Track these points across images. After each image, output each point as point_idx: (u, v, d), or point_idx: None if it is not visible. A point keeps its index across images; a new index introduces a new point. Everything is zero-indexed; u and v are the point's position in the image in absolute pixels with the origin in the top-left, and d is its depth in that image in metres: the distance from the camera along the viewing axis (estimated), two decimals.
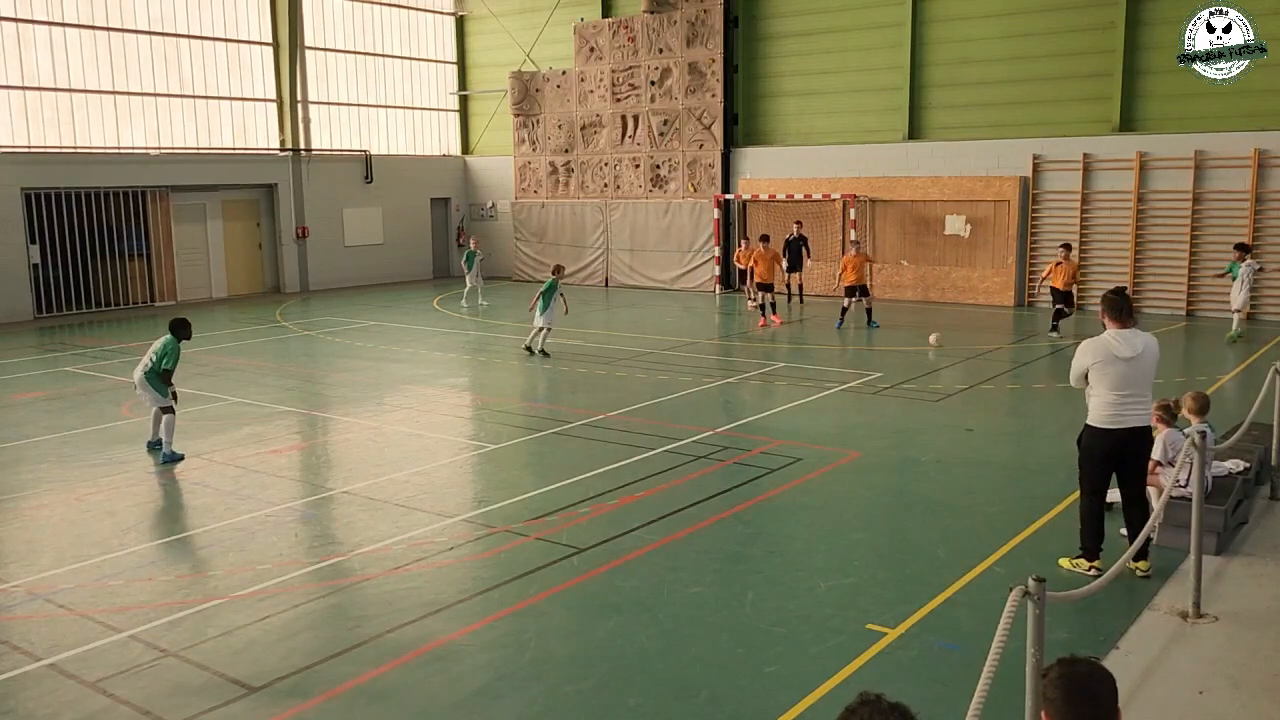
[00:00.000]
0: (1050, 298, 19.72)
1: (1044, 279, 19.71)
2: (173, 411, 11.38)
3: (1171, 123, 21.40)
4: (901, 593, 7.47)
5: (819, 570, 7.96)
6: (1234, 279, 18.42)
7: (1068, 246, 19.59)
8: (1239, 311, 18.30)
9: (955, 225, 23.82)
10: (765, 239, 21.99)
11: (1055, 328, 19.03)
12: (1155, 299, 21.83)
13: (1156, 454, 8.37)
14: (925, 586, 7.51)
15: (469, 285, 24.66)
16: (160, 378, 11.29)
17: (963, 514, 9.24)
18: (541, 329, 17.33)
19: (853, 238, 23.16)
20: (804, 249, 23.64)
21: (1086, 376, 7.42)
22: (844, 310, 20.44)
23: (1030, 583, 4.38)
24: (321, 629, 7.01)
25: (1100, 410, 7.32)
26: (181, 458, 11.32)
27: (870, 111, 24.97)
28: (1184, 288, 21.39)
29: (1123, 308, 7.36)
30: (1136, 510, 7.55)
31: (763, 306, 20.96)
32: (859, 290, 20.43)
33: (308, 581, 7.86)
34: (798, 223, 24.74)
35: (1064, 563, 7.73)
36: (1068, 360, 8.44)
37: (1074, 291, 19.43)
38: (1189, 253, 21.27)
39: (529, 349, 17.49)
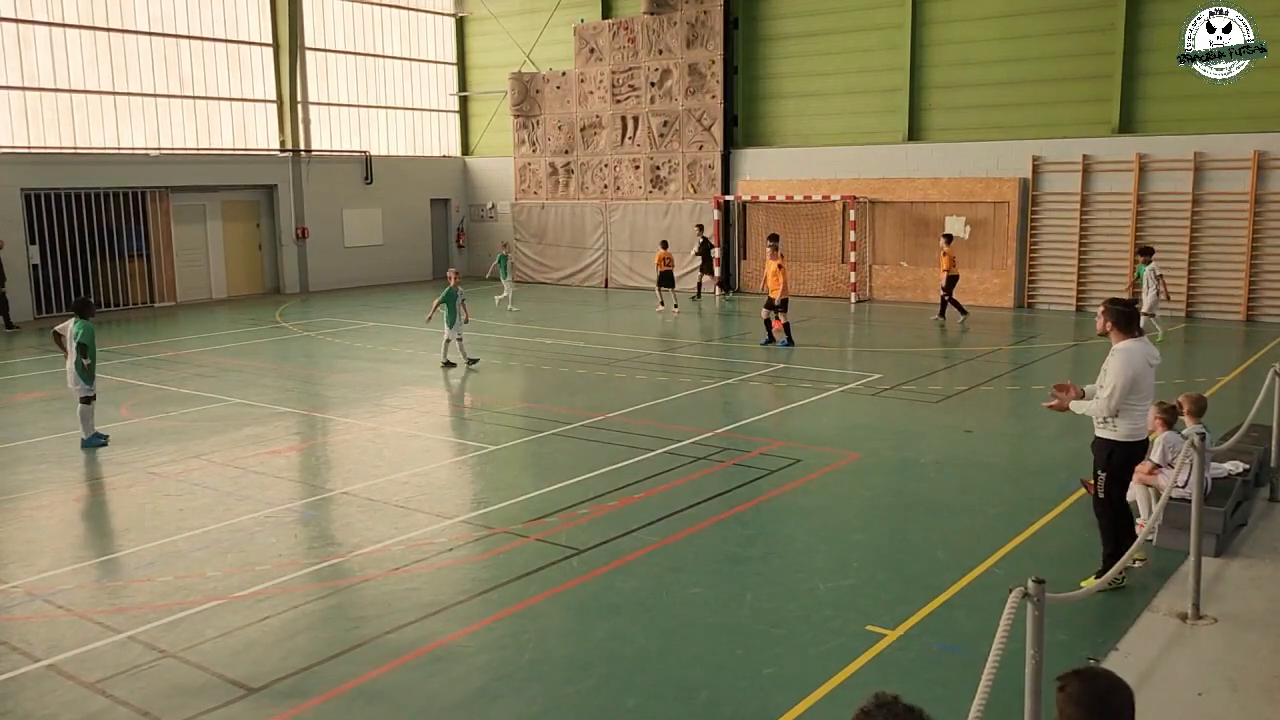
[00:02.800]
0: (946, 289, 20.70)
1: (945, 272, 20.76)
2: (91, 402, 11.91)
3: (1171, 124, 21.41)
4: (901, 594, 7.47)
5: (818, 571, 7.96)
6: (1140, 282, 18.27)
7: (949, 237, 21.15)
8: (1152, 316, 17.74)
9: (955, 226, 23.80)
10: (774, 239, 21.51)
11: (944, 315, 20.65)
12: None
13: (1155, 456, 8.37)
14: (924, 588, 7.51)
15: (505, 292, 24.20)
16: (82, 354, 11.78)
17: (962, 515, 9.24)
18: (450, 340, 16.40)
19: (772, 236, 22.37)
20: (710, 252, 24.59)
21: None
22: (777, 324, 18.41)
23: (1030, 584, 4.38)
24: (321, 630, 7.01)
25: (1136, 423, 7.17)
26: (105, 440, 11.89)
27: (870, 113, 24.98)
28: (1184, 289, 21.38)
29: (1134, 318, 7.30)
30: (1125, 515, 7.52)
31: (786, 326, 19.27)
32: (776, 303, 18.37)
33: (307, 582, 7.85)
34: (699, 226, 25.61)
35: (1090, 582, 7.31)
36: (1064, 362, 8.41)
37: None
38: (1188, 255, 21.28)
39: (449, 363, 16.52)
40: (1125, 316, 7.23)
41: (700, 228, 25.96)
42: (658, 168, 27.95)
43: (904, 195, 24.39)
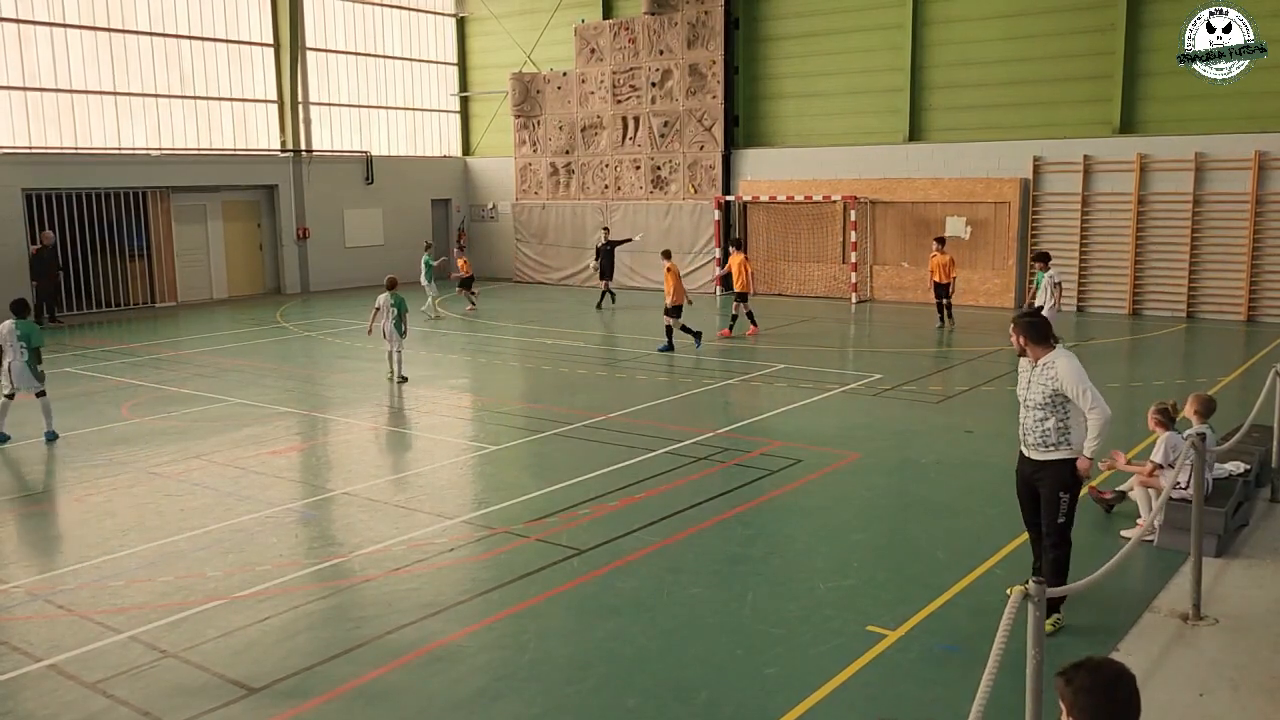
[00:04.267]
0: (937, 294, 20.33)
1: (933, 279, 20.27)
2: (46, 394, 12.31)
3: (1172, 125, 21.40)
4: (901, 594, 7.47)
5: (819, 572, 7.96)
6: (1037, 290, 16.72)
7: (940, 240, 20.46)
8: None
9: (956, 227, 23.81)
10: (738, 243, 21.00)
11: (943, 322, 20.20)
12: (1156, 301, 21.84)
13: (1156, 456, 8.39)
14: (925, 588, 7.51)
15: (429, 296, 23.19)
16: (37, 358, 12.17)
17: (962, 515, 9.24)
18: (393, 352, 15.34)
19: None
20: (613, 256, 24.06)
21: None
22: (688, 330, 17.77)
23: (1030, 584, 4.39)
24: (321, 630, 7.01)
25: (1083, 434, 6.61)
26: (7, 439, 12.15)
27: (871, 113, 24.98)
28: (1184, 290, 21.39)
29: (1047, 326, 6.77)
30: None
31: (749, 314, 19.50)
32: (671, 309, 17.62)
33: (308, 582, 7.86)
34: (605, 229, 25.28)
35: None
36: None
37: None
38: (1189, 255, 21.28)
39: (404, 378, 15.38)
40: (1038, 327, 6.72)
41: (606, 230, 25.42)
42: (658, 168, 27.95)
43: (905, 196, 24.39)
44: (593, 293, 27.45)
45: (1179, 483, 7.85)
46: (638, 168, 28.27)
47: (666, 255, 19.08)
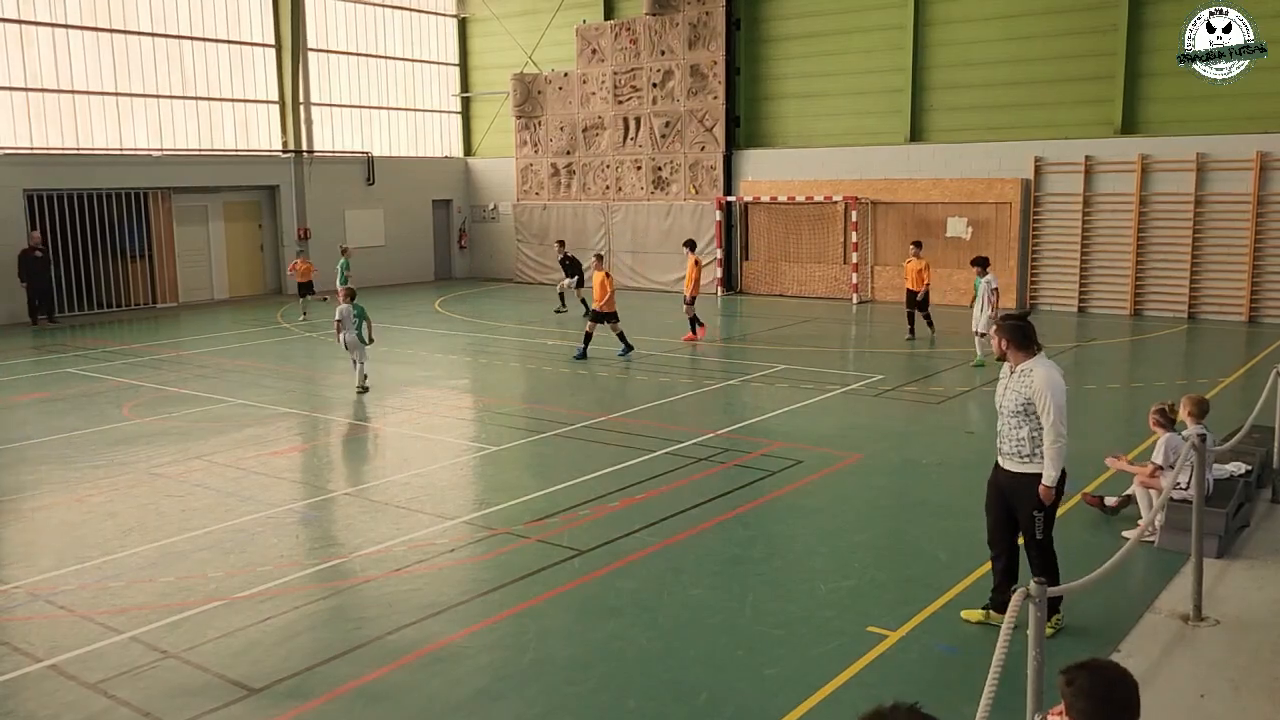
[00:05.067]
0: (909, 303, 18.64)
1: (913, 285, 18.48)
2: None
3: (1173, 125, 21.40)
4: (902, 595, 7.46)
5: (819, 572, 7.96)
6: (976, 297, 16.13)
7: (917, 244, 18.90)
8: (983, 335, 15.49)
9: (957, 227, 23.81)
10: (691, 244, 20.34)
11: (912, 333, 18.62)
12: (1157, 302, 21.83)
13: (1156, 458, 8.38)
14: (926, 589, 7.51)
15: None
16: None
17: (963, 516, 9.22)
18: (360, 361, 14.79)
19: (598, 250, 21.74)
20: (578, 266, 22.84)
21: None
22: (612, 336, 17.19)
23: (1031, 585, 4.38)
24: (322, 630, 7.01)
25: (1065, 449, 6.46)
26: None
27: (872, 113, 24.98)
28: (1186, 291, 21.38)
29: (1032, 333, 6.52)
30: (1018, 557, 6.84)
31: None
32: (601, 315, 17.05)
33: (308, 583, 7.86)
34: (560, 242, 24.59)
35: (973, 616, 6.85)
36: (1065, 363, 8.35)
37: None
38: (1191, 256, 21.27)
39: (365, 388, 14.77)
40: (1023, 332, 6.45)
41: (561, 243, 24.50)
42: (659, 169, 27.96)
43: (906, 196, 24.39)
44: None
45: (1179, 483, 7.84)
46: (639, 168, 28.28)
47: (599, 259, 18.33)
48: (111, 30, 24.85)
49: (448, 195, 32.37)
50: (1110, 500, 9.04)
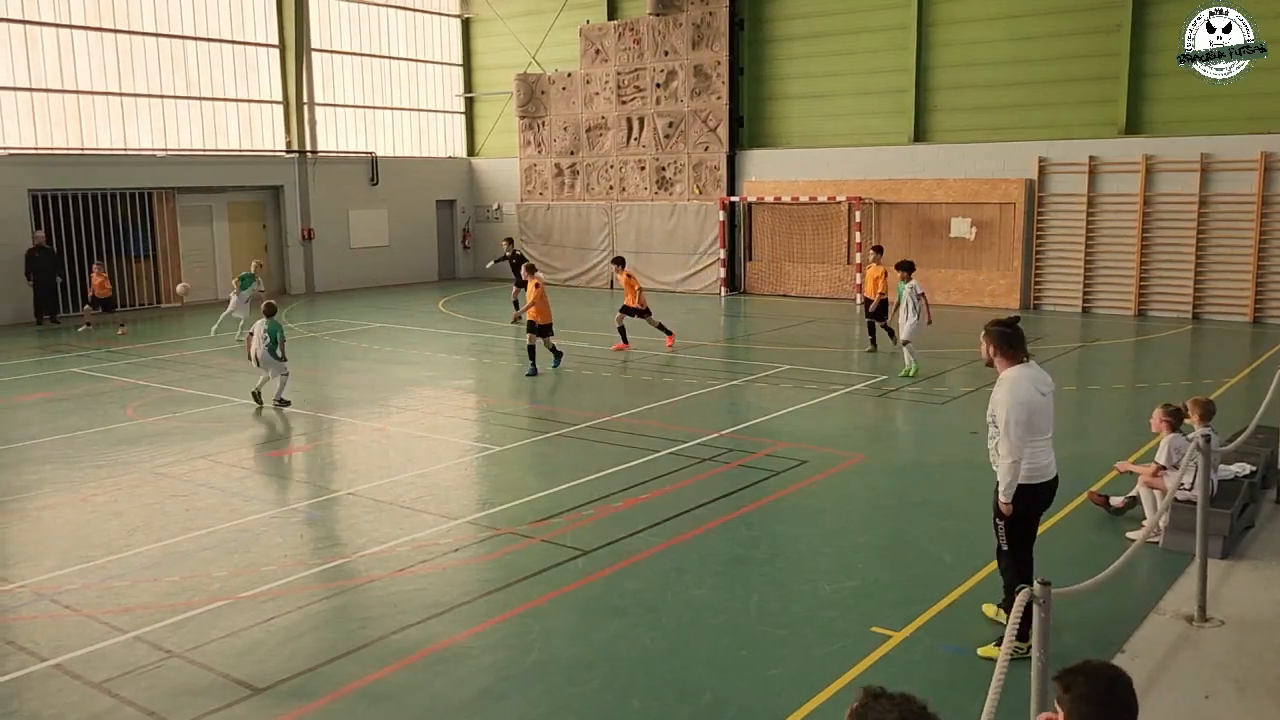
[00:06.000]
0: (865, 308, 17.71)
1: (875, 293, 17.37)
2: None
3: (1178, 125, 21.37)
4: (906, 595, 7.46)
5: (823, 573, 7.95)
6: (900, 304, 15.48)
7: (878, 249, 18.22)
8: (908, 342, 15.19)
9: (961, 228, 23.80)
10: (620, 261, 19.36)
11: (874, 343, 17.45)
12: (1161, 302, 21.80)
13: (1160, 458, 8.38)
14: (930, 589, 7.50)
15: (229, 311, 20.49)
16: None
17: (967, 517, 9.21)
18: (273, 378, 13.99)
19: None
20: (521, 268, 20.39)
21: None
22: (530, 350, 16.14)
23: (1036, 586, 4.38)
24: (326, 630, 7.02)
25: (1036, 460, 6.30)
26: None
27: (876, 114, 24.96)
28: (1190, 291, 21.35)
29: (1020, 340, 6.36)
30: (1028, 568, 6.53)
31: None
32: (537, 327, 16.01)
33: (312, 583, 7.86)
34: (508, 240, 24.10)
35: (989, 652, 6.37)
36: (1069, 364, 8.34)
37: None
38: (1195, 256, 21.24)
39: (282, 401, 13.96)
40: (1010, 339, 6.30)
41: (509, 240, 23.90)
42: (663, 169, 27.96)
43: (910, 196, 24.37)
44: (598, 293, 27.50)
45: (1183, 484, 7.83)
46: (642, 168, 28.28)
47: (530, 270, 17.33)
48: (115, 30, 24.88)
49: (451, 195, 32.40)
50: (1116, 501, 9.02)
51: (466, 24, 32.67)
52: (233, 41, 27.26)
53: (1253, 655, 6.36)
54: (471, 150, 33.14)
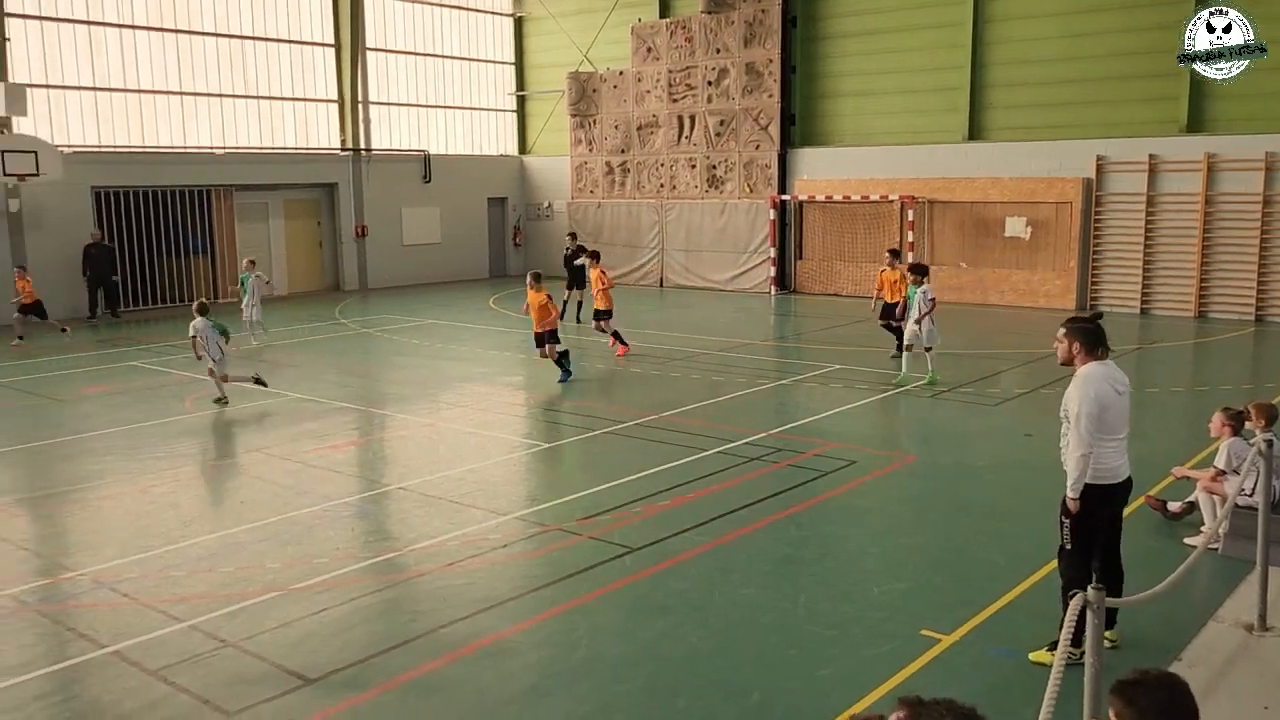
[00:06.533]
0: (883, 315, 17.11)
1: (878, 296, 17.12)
2: None
3: (1241, 123, 20.88)
4: (957, 598, 7.37)
5: (872, 574, 7.89)
6: (908, 308, 15.06)
7: (894, 253, 17.78)
8: (929, 350, 14.86)
9: (1016, 227, 23.47)
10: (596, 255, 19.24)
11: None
12: (1224, 304, 21.33)
13: (1220, 462, 8.21)
14: (981, 592, 7.41)
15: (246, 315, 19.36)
16: None
17: (1020, 520, 9.10)
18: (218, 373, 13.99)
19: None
20: (584, 266, 19.94)
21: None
22: (560, 355, 15.58)
23: (1090, 590, 4.31)
24: (377, 623, 7.10)
25: (1105, 461, 6.21)
26: None
27: (929, 112, 24.69)
28: (1253, 292, 20.87)
29: (1101, 337, 6.28)
30: (1117, 564, 6.60)
31: (614, 333, 17.70)
32: (543, 336, 15.57)
33: (363, 576, 7.96)
34: (570, 234, 23.70)
35: (1041, 657, 6.27)
36: (1126, 364, 8.18)
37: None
38: (1259, 256, 20.76)
39: (222, 399, 14.05)
40: (1092, 336, 6.22)
41: (572, 235, 23.40)
42: (714, 167, 27.89)
43: (963, 195, 24.09)
44: (648, 291, 27.51)
45: (1245, 489, 7.66)
46: (693, 167, 28.24)
47: (536, 279, 16.03)
48: (176, 31, 25.34)
49: (503, 193, 32.59)
50: (1174, 506, 8.85)
51: (519, 23, 32.84)
52: (290, 41, 27.65)
53: None
54: (523, 148, 33.31)
